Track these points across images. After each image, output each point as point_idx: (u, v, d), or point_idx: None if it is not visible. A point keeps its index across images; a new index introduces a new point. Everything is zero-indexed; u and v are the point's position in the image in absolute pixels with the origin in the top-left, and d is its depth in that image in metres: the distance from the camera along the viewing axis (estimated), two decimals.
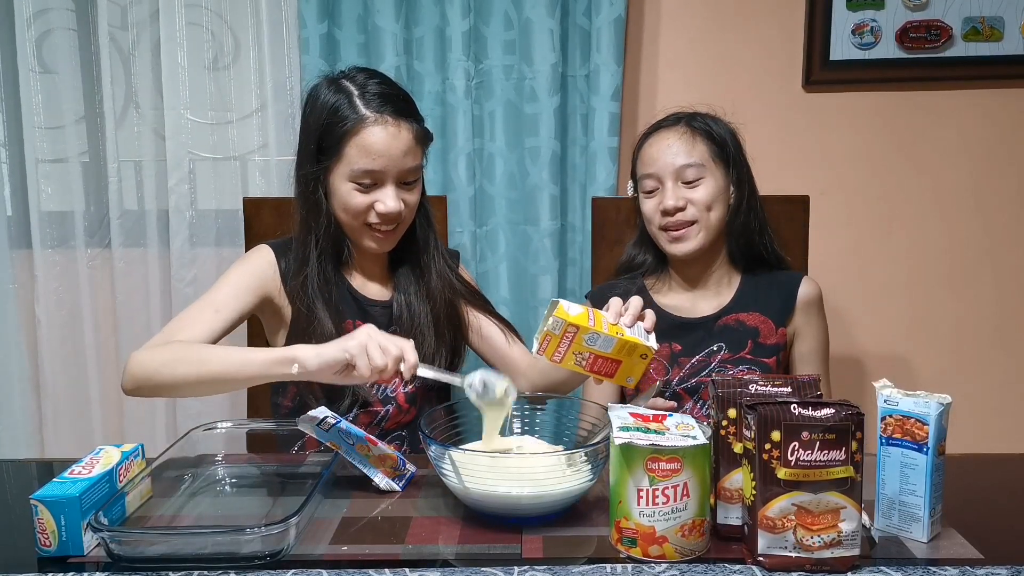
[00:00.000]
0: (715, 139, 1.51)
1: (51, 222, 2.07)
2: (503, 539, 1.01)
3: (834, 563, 0.92)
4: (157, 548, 0.98)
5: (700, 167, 1.48)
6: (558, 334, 1.11)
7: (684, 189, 1.49)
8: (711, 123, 1.53)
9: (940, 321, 2.15)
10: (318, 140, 1.36)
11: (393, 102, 1.36)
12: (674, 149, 1.50)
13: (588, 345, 1.11)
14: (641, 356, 1.12)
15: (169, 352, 1.28)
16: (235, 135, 2.05)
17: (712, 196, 1.49)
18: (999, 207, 2.11)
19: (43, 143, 2.03)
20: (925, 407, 0.96)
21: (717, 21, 2.05)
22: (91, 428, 2.11)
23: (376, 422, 1.42)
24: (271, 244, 1.46)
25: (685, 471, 0.93)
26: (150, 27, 2.01)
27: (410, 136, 1.36)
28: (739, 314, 1.53)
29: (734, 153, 1.52)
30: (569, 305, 1.13)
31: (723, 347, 1.52)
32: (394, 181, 1.36)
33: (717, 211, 1.50)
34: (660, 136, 1.53)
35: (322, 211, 1.38)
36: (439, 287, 1.46)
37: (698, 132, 1.51)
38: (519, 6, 1.94)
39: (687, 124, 1.52)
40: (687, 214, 1.48)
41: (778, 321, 1.52)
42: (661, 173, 1.50)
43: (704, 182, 1.49)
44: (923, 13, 2.01)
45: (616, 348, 1.11)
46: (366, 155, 1.33)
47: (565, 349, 1.11)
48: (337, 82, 1.38)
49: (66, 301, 2.08)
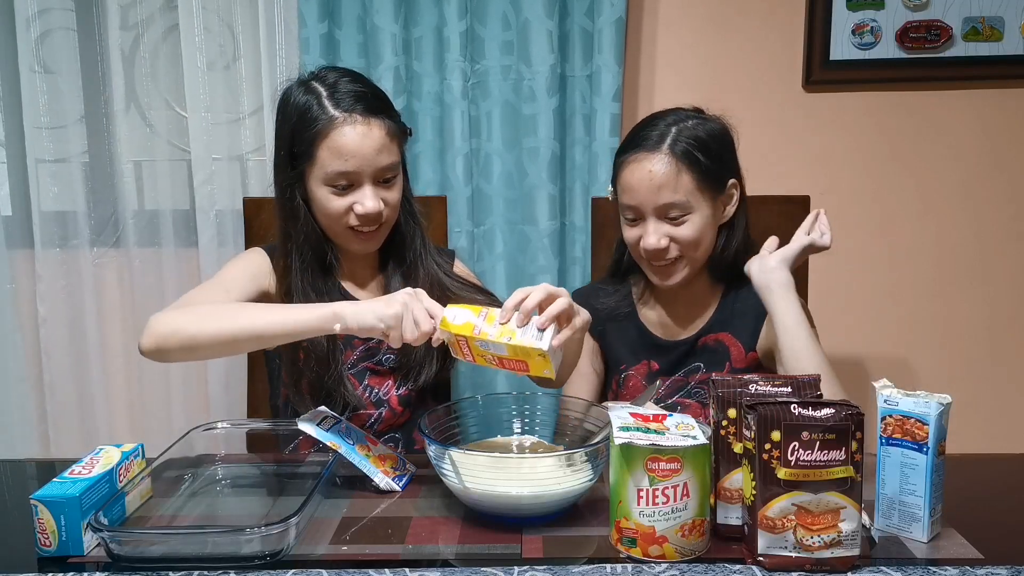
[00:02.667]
0: (701, 167, 1.36)
1: (52, 222, 2.07)
2: (503, 539, 1.01)
3: (834, 563, 0.92)
4: (157, 548, 0.98)
5: (685, 205, 1.36)
6: (453, 341, 1.10)
7: (667, 225, 1.37)
8: (697, 141, 1.37)
9: (941, 321, 2.15)
10: (290, 145, 1.34)
11: (363, 100, 1.33)
12: (656, 182, 1.35)
13: (483, 349, 1.09)
14: (539, 356, 1.07)
15: (195, 311, 1.25)
16: (236, 135, 2.05)
17: (699, 232, 1.38)
18: (998, 207, 2.11)
19: (45, 143, 2.03)
20: (925, 407, 0.96)
21: (717, 21, 2.05)
22: (95, 428, 2.11)
23: (369, 425, 1.42)
24: (264, 248, 1.46)
25: (685, 471, 0.93)
26: (150, 27, 2.02)
27: (382, 133, 1.32)
28: (718, 334, 1.47)
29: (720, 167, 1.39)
30: (457, 312, 1.10)
31: (701, 367, 1.46)
32: (371, 180, 1.33)
33: (704, 244, 1.40)
34: (639, 162, 1.37)
35: (300, 218, 1.36)
36: (427, 284, 1.44)
37: (682, 162, 1.35)
38: (517, 7, 1.94)
39: (671, 151, 1.35)
40: (671, 253, 1.38)
41: (748, 345, 1.45)
42: (642, 207, 1.38)
43: (690, 218, 1.37)
44: (923, 13, 2.01)
45: (509, 352, 1.08)
46: (338, 157, 1.30)
47: (468, 353, 1.11)
48: (307, 83, 1.35)
49: (68, 301, 2.08)
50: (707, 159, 1.37)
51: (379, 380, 1.44)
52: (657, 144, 1.37)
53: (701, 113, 1.45)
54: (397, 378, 1.45)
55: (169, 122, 2.06)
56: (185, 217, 2.06)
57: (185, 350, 1.23)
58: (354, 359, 1.43)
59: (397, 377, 1.45)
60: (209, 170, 2.02)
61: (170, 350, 1.23)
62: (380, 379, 1.44)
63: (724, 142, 1.42)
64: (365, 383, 1.43)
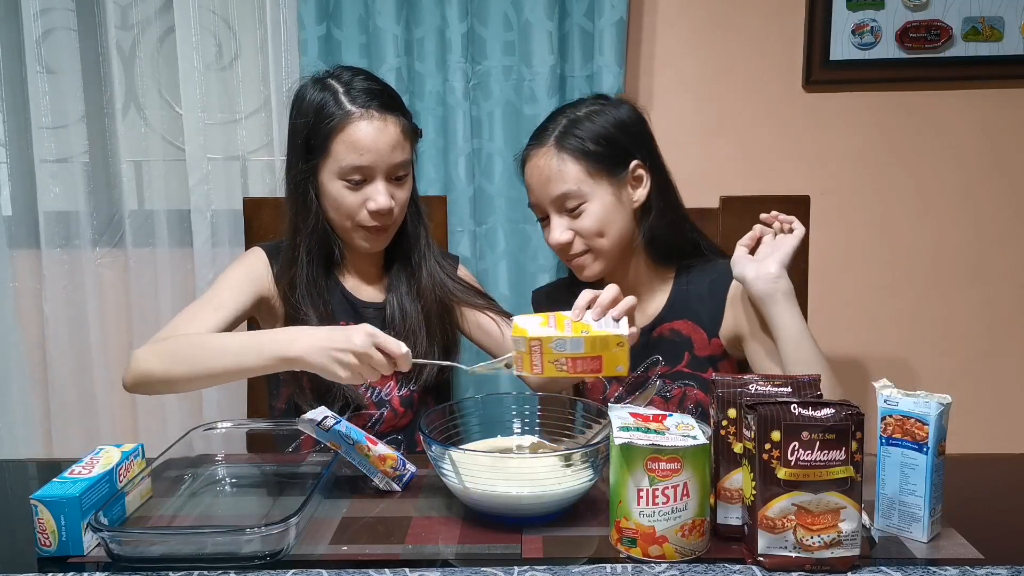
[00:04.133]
0: (590, 154, 1.34)
1: (55, 221, 2.07)
2: (503, 539, 1.01)
3: (834, 563, 0.92)
4: (157, 548, 0.98)
5: (577, 194, 1.35)
6: (525, 351, 1.10)
7: (568, 218, 1.37)
8: (583, 130, 1.35)
9: (941, 321, 2.15)
10: (306, 139, 1.35)
11: (379, 97, 1.36)
12: (544, 175, 1.36)
13: (559, 351, 1.09)
14: (617, 345, 1.09)
15: (169, 351, 1.27)
16: (236, 135, 2.04)
17: (599, 220, 1.35)
18: (998, 207, 2.11)
19: (47, 143, 2.03)
20: (925, 407, 0.96)
21: (716, 21, 2.05)
22: (96, 427, 2.11)
23: (370, 425, 1.42)
24: (263, 246, 1.46)
25: (685, 471, 0.93)
26: (150, 27, 2.02)
27: (397, 130, 1.35)
28: (673, 322, 1.42)
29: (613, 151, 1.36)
30: (526, 320, 1.12)
31: (660, 360, 1.42)
32: (383, 176, 1.35)
33: (611, 232, 1.37)
34: (531, 159, 1.39)
35: (311, 212, 1.37)
36: (429, 286, 1.45)
37: (566, 151, 1.35)
38: (518, 8, 1.94)
39: (555, 143, 1.36)
40: (576, 247, 1.38)
41: (710, 331, 1.40)
42: (540, 203, 1.39)
43: (587, 207, 1.35)
44: (923, 13, 2.01)
45: (587, 346, 1.09)
46: (354, 150, 1.33)
47: (540, 361, 1.10)
48: (323, 81, 1.37)
49: (71, 301, 2.08)
50: (596, 145, 1.35)
51: (381, 380, 1.44)
52: (547, 138, 1.37)
53: (603, 99, 1.42)
54: (399, 378, 1.45)
55: (169, 122, 2.06)
56: (184, 217, 2.06)
57: (162, 389, 1.30)
58: None
59: (399, 377, 1.45)
60: (205, 170, 2.02)
61: (149, 389, 1.30)
62: (382, 379, 1.44)
63: (624, 125, 1.39)
64: (367, 383, 1.43)
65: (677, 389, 1.40)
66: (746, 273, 1.29)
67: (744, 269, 1.30)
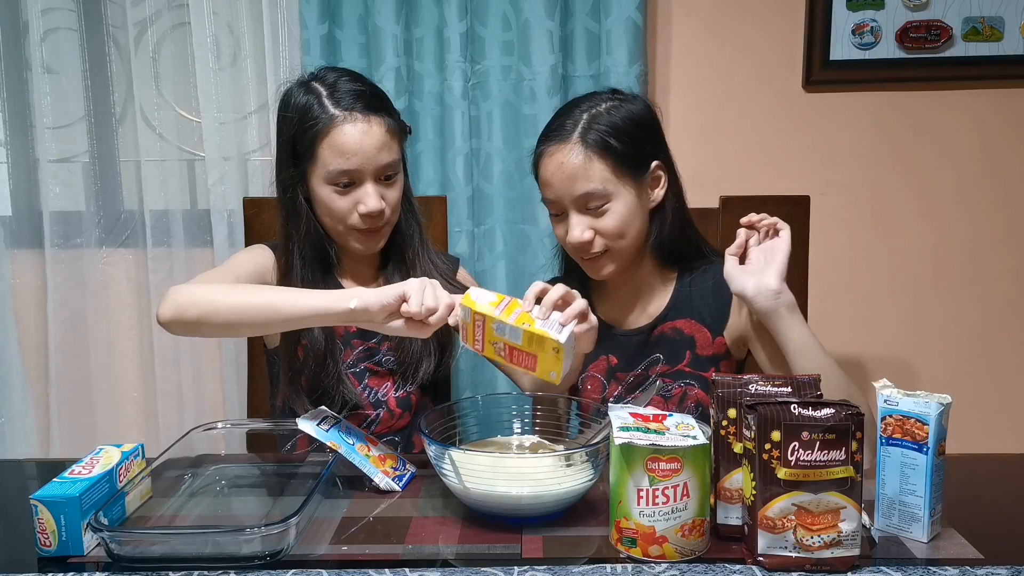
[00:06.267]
0: (616, 153, 1.30)
1: (57, 221, 2.07)
2: (503, 539, 1.01)
3: (834, 563, 0.92)
4: (157, 548, 0.98)
5: (603, 193, 1.30)
6: (469, 322, 1.10)
7: (590, 217, 1.32)
8: (610, 126, 1.31)
9: (940, 321, 2.15)
10: (292, 145, 1.34)
11: (363, 98, 1.34)
12: (568, 173, 1.30)
13: (499, 335, 1.08)
14: (553, 349, 1.06)
15: (216, 285, 1.25)
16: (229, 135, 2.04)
17: (622, 220, 1.32)
18: (997, 206, 2.11)
19: (48, 143, 2.03)
20: (925, 407, 0.96)
21: (716, 22, 2.05)
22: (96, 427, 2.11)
23: (366, 425, 1.42)
24: (269, 245, 1.46)
25: (685, 471, 0.93)
26: (151, 27, 2.01)
27: (382, 131, 1.33)
28: (675, 321, 1.40)
29: (638, 151, 1.32)
30: (481, 294, 1.11)
31: (661, 359, 1.40)
32: (372, 178, 1.34)
33: (631, 232, 1.34)
34: (552, 155, 1.32)
35: (302, 217, 1.36)
36: None
37: (593, 150, 1.30)
38: (517, 8, 1.95)
39: (581, 139, 1.30)
40: (596, 246, 1.33)
41: (714, 330, 1.38)
42: (560, 201, 1.33)
43: (611, 207, 1.31)
44: (923, 13, 2.01)
45: (525, 340, 1.07)
46: (339, 155, 1.31)
47: (482, 338, 1.10)
48: (307, 84, 1.36)
49: (72, 301, 2.08)
50: (622, 144, 1.31)
51: (378, 381, 1.44)
52: (569, 134, 1.31)
53: (619, 94, 1.38)
54: (396, 380, 1.45)
55: (170, 122, 2.06)
56: (188, 217, 2.07)
57: (203, 322, 1.20)
58: (353, 359, 1.43)
59: (396, 379, 1.45)
60: (207, 170, 2.02)
61: (188, 321, 1.20)
62: (379, 380, 1.44)
63: (644, 123, 1.35)
64: (364, 383, 1.43)
65: (678, 388, 1.40)
66: (746, 290, 1.26)
67: (744, 285, 1.26)
